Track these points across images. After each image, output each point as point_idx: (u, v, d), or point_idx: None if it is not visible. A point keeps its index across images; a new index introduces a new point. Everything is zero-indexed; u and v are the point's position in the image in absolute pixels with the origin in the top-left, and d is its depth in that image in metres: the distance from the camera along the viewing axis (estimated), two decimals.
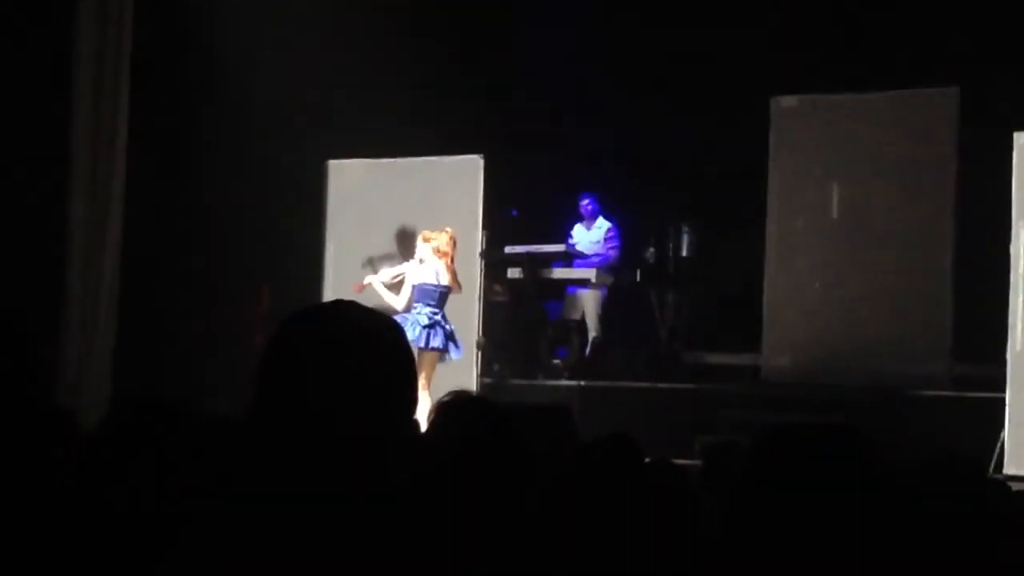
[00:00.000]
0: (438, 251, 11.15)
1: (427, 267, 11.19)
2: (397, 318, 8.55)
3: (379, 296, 11.03)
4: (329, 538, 1.98)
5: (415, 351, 10.38)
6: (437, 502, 2.31)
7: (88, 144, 11.70)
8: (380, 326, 2.21)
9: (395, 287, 11.31)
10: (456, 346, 11.13)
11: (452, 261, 11.20)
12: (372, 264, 12.11)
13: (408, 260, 11.53)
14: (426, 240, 11.26)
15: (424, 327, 10.81)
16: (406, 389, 2.17)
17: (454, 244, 11.24)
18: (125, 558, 2.05)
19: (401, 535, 2.04)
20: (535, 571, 2.34)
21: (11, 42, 11.33)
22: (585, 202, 13.10)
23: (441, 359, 11.04)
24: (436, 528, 2.19)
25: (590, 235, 13.06)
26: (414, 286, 11.14)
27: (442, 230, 11.28)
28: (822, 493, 2.32)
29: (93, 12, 11.72)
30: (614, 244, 13.05)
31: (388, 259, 12.10)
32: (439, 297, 11.10)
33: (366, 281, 11.45)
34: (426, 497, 2.22)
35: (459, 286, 11.43)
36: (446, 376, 10.89)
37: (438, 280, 11.11)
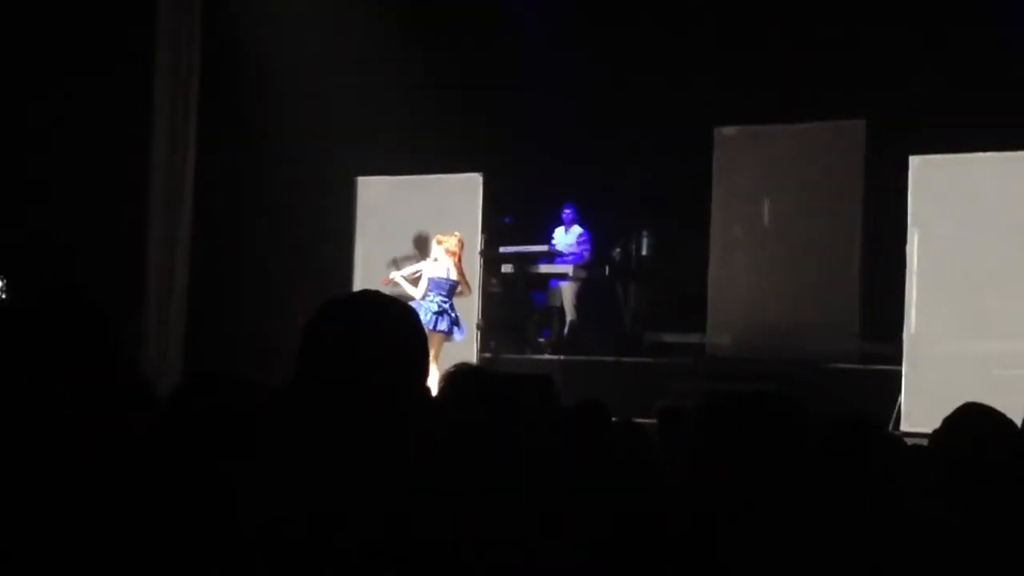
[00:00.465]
0: (448, 251, 11.14)
1: (440, 264, 11.17)
2: (413, 304, 8.54)
3: (401, 288, 11.00)
4: (357, 482, 1.97)
5: (427, 332, 10.37)
6: (445, 450, 2.31)
7: (165, 155, 11.66)
8: (399, 310, 2.21)
9: (414, 281, 11.28)
10: (460, 329, 11.11)
11: (460, 260, 11.18)
12: (396, 263, 12.07)
13: (424, 259, 11.51)
14: (439, 242, 11.23)
15: (435, 313, 10.78)
16: (420, 362, 2.18)
17: (462, 246, 11.22)
18: (197, 510, 2.02)
19: (416, 477, 2.03)
20: (522, 502, 2.32)
21: (102, 64, 11.27)
22: (567, 211, 13.08)
23: (448, 339, 11.02)
24: (445, 471, 2.18)
25: (567, 238, 13.06)
26: (429, 279, 11.12)
27: (452, 234, 11.26)
28: (751, 444, 2.32)
29: (167, 64, 11.65)
30: (586, 246, 13.04)
31: (408, 259, 12.07)
32: (448, 289, 11.07)
33: (391, 276, 11.42)
34: (436, 447, 2.21)
35: (468, 287, 11.41)
36: (452, 352, 10.88)
37: (448, 275, 11.09)
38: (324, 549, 1.86)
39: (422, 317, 10.47)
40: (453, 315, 11.04)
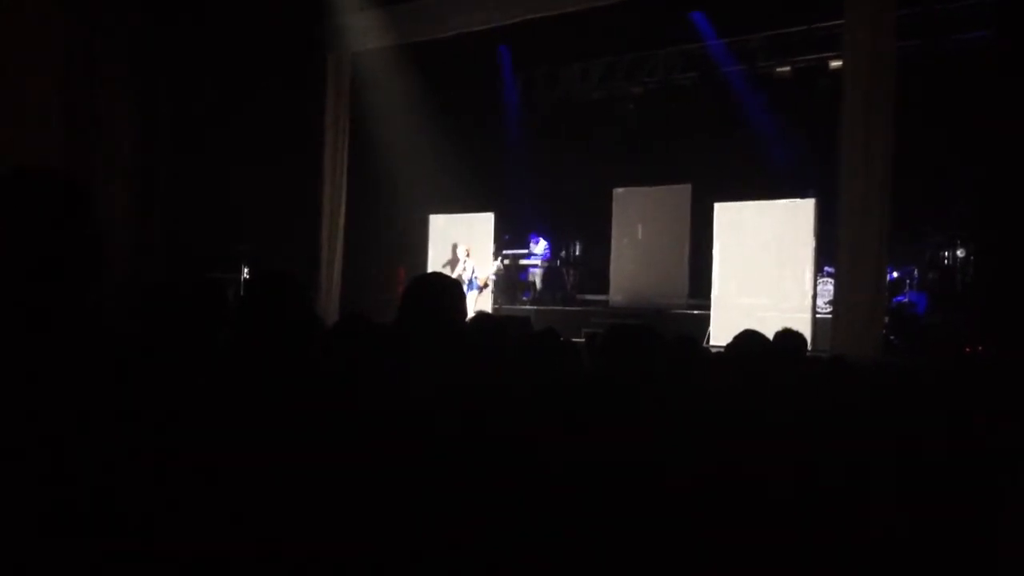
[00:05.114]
0: (467, 254, 11.20)
1: (468, 262, 11.20)
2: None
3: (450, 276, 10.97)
4: (432, 370, 1.93)
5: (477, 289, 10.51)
6: (471, 353, 2.28)
7: (329, 201, 11.52)
8: (450, 282, 2.19)
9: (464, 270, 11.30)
10: (478, 290, 11.22)
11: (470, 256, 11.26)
12: (451, 264, 12.03)
13: (457, 258, 11.52)
14: (466, 249, 11.29)
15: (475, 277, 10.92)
16: (461, 310, 2.16)
17: (469, 250, 11.23)
18: (350, 396, 1.88)
19: (458, 364, 2.00)
20: (509, 387, 2.30)
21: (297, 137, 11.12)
22: (533, 236, 13.08)
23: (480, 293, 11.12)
24: (470, 364, 2.15)
25: (537, 247, 13.02)
26: (472, 267, 11.19)
27: (464, 245, 11.32)
28: (631, 350, 2.32)
29: (333, 123, 11.51)
30: (547, 251, 13.02)
31: (449, 262, 12.05)
32: (473, 268, 11.14)
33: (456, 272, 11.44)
34: (466, 351, 2.19)
35: (485, 283, 11.44)
36: (479, 304, 10.86)
37: (473, 270, 11.14)
38: (424, 429, 1.81)
39: (479, 271, 10.70)
40: (476, 285, 11.16)
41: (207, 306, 2.09)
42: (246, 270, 10.33)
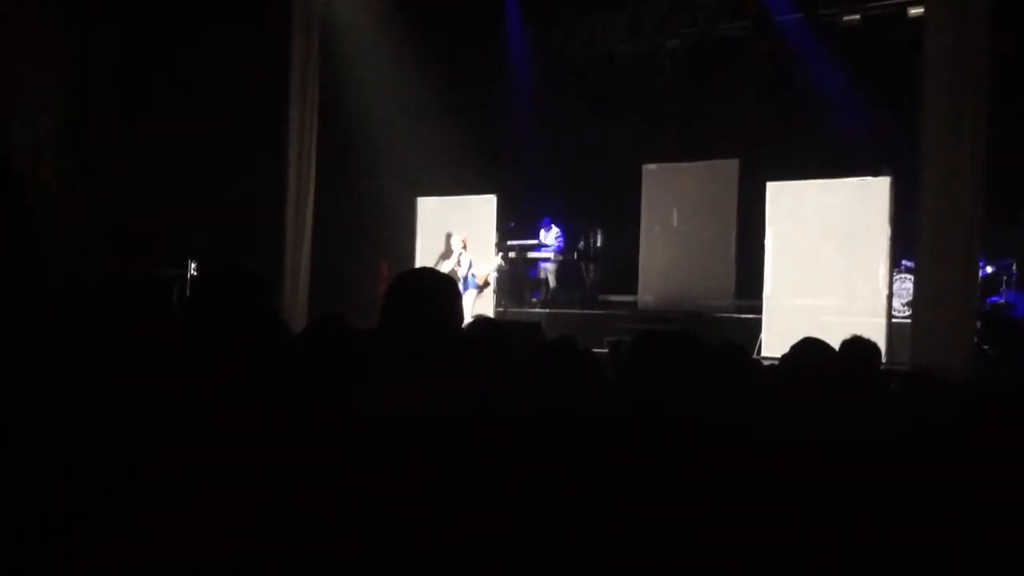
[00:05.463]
0: (465, 244, 11.23)
1: (465, 255, 11.23)
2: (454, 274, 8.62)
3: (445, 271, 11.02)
4: (417, 385, 1.95)
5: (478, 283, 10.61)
6: (467, 366, 2.29)
7: (294, 183, 11.57)
8: (442, 279, 2.21)
9: (456, 261, 11.33)
10: (477, 289, 11.26)
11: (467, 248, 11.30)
12: (444, 256, 12.07)
13: (451, 249, 11.56)
14: (462, 240, 11.33)
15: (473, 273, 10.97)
16: (456, 313, 2.17)
17: (466, 241, 11.32)
18: (315, 407, 1.98)
19: (452, 380, 2.02)
20: (517, 401, 2.31)
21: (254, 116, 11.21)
22: (545, 221, 13.11)
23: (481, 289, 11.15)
24: (466, 379, 2.16)
25: (549, 236, 13.05)
26: (468, 262, 11.21)
27: (460, 235, 11.36)
28: (664, 361, 2.32)
29: (298, 97, 11.54)
30: (561, 241, 13.05)
31: (444, 257, 12.08)
32: (470, 261, 11.19)
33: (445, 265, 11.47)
34: (462, 363, 2.20)
35: (485, 281, 11.48)
36: (479, 307, 10.90)
37: (471, 264, 11.17)
38: (406, 440, 1.85)
39: (477, 269, 10.75)
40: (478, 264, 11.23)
41: (149, 309, 2.10)
42: (194, 265, 10.37)
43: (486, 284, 11.43)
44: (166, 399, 1.74)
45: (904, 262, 10.00)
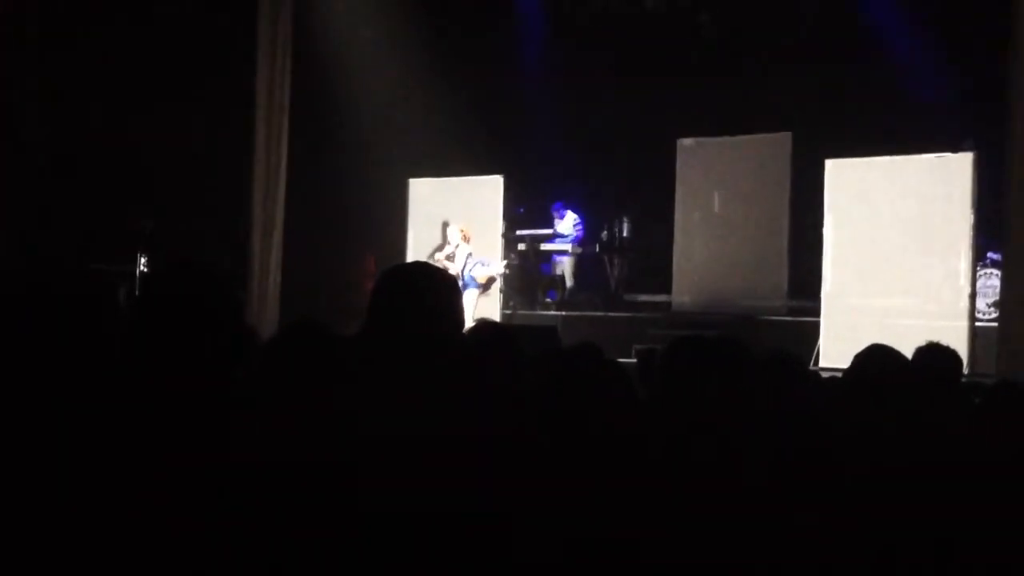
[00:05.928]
0: (465, 235, 11.24)
1: (461, 245, 11.24)
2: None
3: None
4: (410, 403, 1.95)
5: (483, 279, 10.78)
6: (469, 380, 2.29)
7: (263, 165, 11.59)
8: (440, 276, 2.21)
9: (450, 257, 11.33)
10: (480, 288, 11.28)
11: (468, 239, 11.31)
12: (439, 248, 12.07)
13: (448, 245, 11.58)
14: (460, 230, 11.34)
15: (476, 264, 10.99)
16: (456, 315, 2.17)
17: (468, 230, 11.34)
18: (289, 427, 1.97)
19: (450, 397, 2.02)
20: (528, 423, 2.31)
21: (213, 87, 11.22)
22: (557, 205, 13.12)
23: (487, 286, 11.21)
24: (467, 395, 2.16)
25: (565, 224, 13.06)
26: (464, 255, 11.21)
27: (459, 224, 11.37)
28: (704, 375, 2.31)
29: (265, 70, 11.57)
30: (580, 229, 13.07)
31: (439, 248, 12.09)
32: (470, 255, 11.20)
33: (437, 257, 11.47)
34: (462, 376, 2.20)
35: (488, 280, 11.51)
36: (482, 308, 10.92)
37: (467, 257, 11.19)
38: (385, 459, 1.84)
39: (477, 271, 10.75)
40: (480, 263, 11.19)
41: (89, 312, 2.09)
42: (144, 260, 10.39)
43: (491, 281, 11.42)
44: (105, 425, 1.73)
45: (990, 255, 9.97)
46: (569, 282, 13.00)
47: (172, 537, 1.64)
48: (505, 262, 11.88)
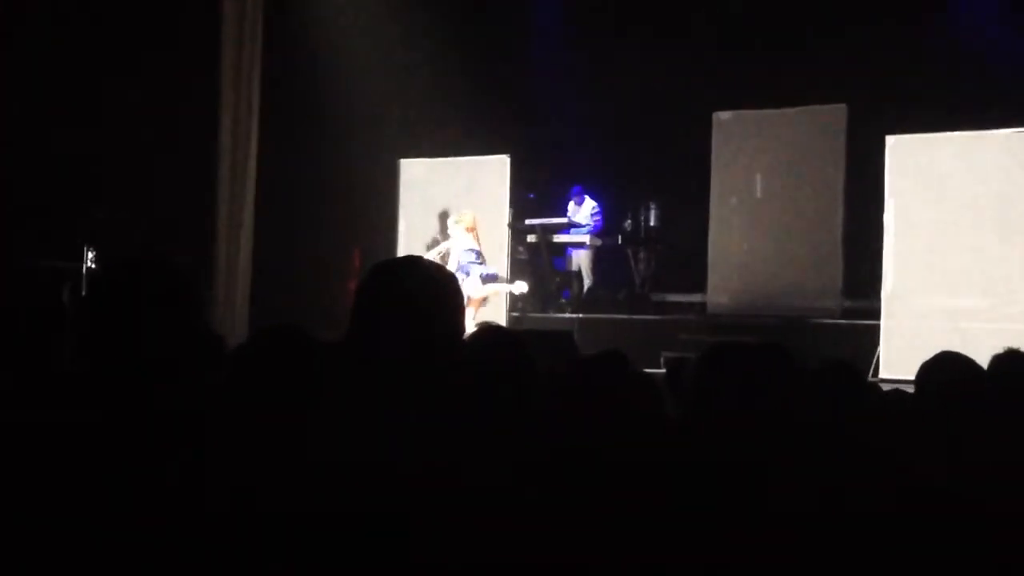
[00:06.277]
0: (467, 228, 11.22)
1: (461, 239, 11.22)
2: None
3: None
4: (399, 423, 1.95)
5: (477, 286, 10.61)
6: (470, 396, 2.29)
7: (230, 146, 11.63)
8: (438, 273, 2.20)
9: (443, 260, 11.32)
10: (498, 276, 11.29)
11: (476, 233, 11.25)
12: (428, 246, 12.06)
13: (447, 237, 11.56)
14: (457, 222, 11.32)
15: (470, 263, 10.91)
16: (456, 319, 2.16)
17: (475, 221, 11.28)
18: (260, 443, 2.00)
19: (448, 419, 2.02)
20: (541, 447, 2.30)
21: (172, 54, 11.23)
22: (576, 190, 13.12)
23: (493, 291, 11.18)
24: (468, 416, 2.16)
25: (582, 212, 13.06)
26: (459, 251, 11.18)
27: (465, 212, 11.33)
28: (746, 389, 2.30)
29: (232, 36, 11.58)
30: (599, 218, 13.07)
31: (437, 242, 12.06)
32: (475, 254, 11.15)
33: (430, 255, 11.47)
34: (462, 392, 2.19)
35: (483, 258, 11.47)
36: (484, 310, 10.93)
37: (471, 245, 11.16)
38: (367, 489, 1.84)
39: (470, 275, 10.69)
40: (488, 269, 11.17)
41: (31, 314, 2.10)
42: (92, 255, 10.40)
43: (484, 300, 11.34)
44: (45, 447, 1.73)
45: None
46: (587, 279, 12.99)
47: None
48: (515, 286, 11.76)
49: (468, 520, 1.82)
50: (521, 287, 11.62)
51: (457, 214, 11.49)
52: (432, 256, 11.27)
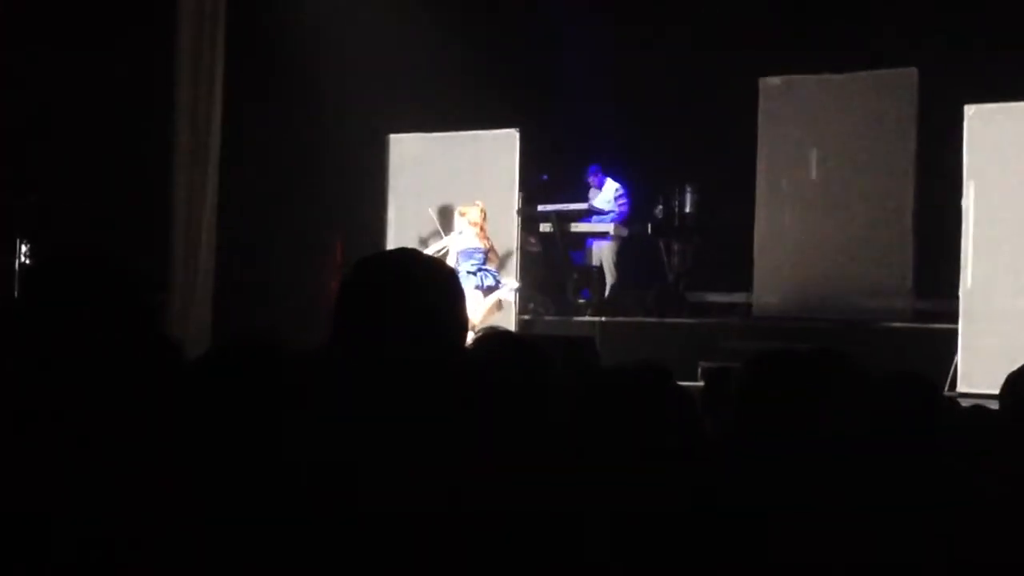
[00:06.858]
0: (471, 223, 11.22)
1: (465, 236, 11.22)
2: None
3: None
4: (392, 446, 1.95)
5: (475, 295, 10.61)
6: (473, 412, 2.29)
7: (188, 122, 11.66)
8: (435, 268, 2.20)
9: (442, 257, 11.34)
10: (502, 284, 11.25)
11: (484, 230, 11.23)
12: (423, 242, 12.06)
13: (449, 232, 11.56)
14: (462, 215, 11.32)
15: (468, 273, 10.86)
16: (456, 321, 2.16)
17: (484, 216, 11.26)
18: (221, 470, 2.02)
19: (448, 443, 2.02)
20: (556, 470, 2.30)
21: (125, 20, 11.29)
22: (592, 169, 13.17)
23: (495, 301, 11.14)
24: (471, 437, 2.16)
25: (603, 195, 13.09)
26: (457, 252, 11.17)
27: (473, 204, 11.33)
28: (799, 406, 2.31)
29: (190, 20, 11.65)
30: (625, 203, 13.08)
31: (434, 235, 12.07)
32: (479, 256, 11.15)
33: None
34: (465, 407, 2.20)
35: (496, 254, 11.47)
36: (491, 316, 10.96)
37: (475, 244, 11.16)
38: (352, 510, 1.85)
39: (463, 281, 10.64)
40: (490, 274, 11.12)
41: None
42: (26, 249, 10.44)
43: (494, 253, 11.41)
44: None
45: None
46: (610, 276, 13.02)
47: None
48: (515, 289, 11.79)
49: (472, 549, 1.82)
50: (510, 286, 11.58)
51: (464, 205, 11.47)
52: (432, 251, 11.32)
